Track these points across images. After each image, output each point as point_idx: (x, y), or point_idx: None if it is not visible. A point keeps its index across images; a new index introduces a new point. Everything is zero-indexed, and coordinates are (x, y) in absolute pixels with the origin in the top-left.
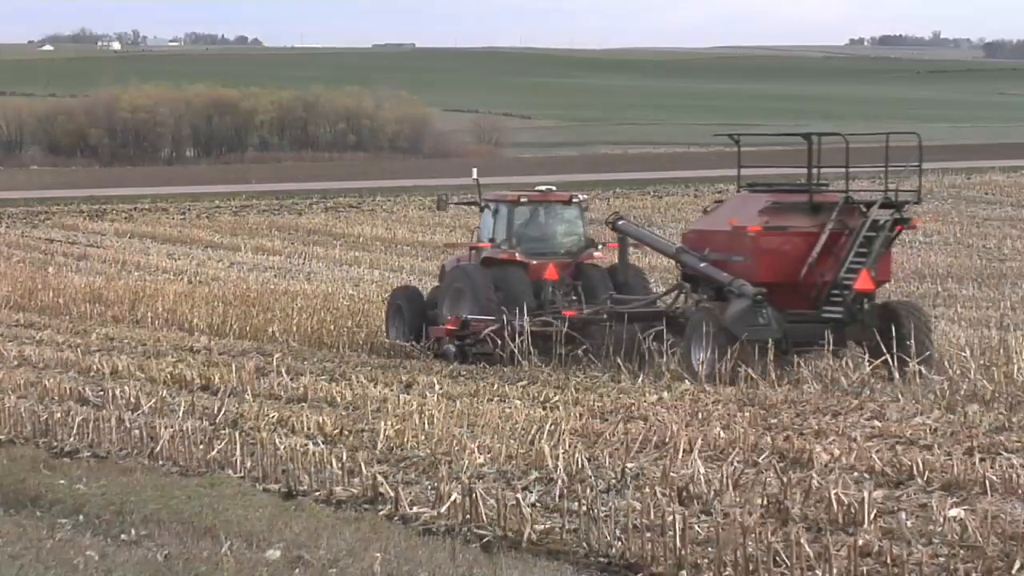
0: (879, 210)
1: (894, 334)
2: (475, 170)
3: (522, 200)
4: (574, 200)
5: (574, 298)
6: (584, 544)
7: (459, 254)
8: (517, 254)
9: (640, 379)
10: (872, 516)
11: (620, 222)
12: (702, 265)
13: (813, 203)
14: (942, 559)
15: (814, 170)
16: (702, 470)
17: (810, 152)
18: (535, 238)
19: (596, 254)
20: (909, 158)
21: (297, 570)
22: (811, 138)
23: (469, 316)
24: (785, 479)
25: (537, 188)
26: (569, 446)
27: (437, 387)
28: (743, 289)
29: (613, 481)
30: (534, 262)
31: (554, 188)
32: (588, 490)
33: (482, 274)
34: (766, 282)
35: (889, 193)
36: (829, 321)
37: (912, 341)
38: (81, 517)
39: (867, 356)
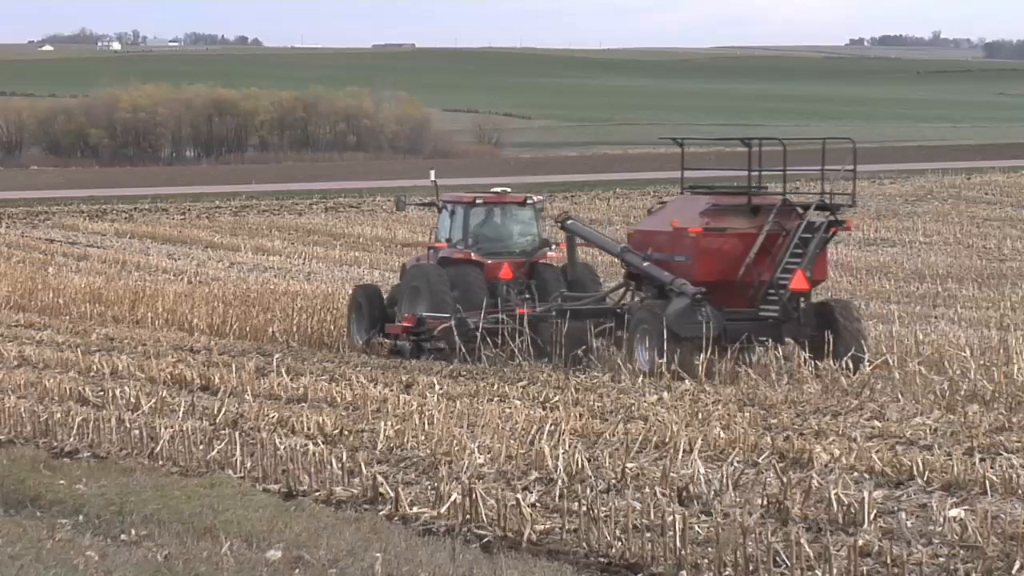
0: (815, 212)
1: (829, 331)
2: (432, 172)
3: (477, 201)
4: (528, 201)
5: (528, 296)
6: (584, 544)
7: (419, 253)
8: (473, 254)
9: (640, 379)
10: (872, 516)
11: (568, 222)
12: (645, 264)
13: (752, 205)
14: (942, 559)
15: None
16: (702, 470)
17: (750, 156)
18: (491, 238)
19: (550, 253)
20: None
21: (297, 570)
22: (750, 143)
23: (424, 314)
24: (785, 479)
25: (492, 190)
26: (569, 446)
27: (437, 387)
28: (683, 288)
29: (613, 481)
30: (489, 261)
31: (509, 190)
32: (588, 490)
33: (438, 273)
34: (706, 281)
35: (825, 196)
36: (767, 319)
37: (845, 338)
38: (81, 517)
39: (805, 354)
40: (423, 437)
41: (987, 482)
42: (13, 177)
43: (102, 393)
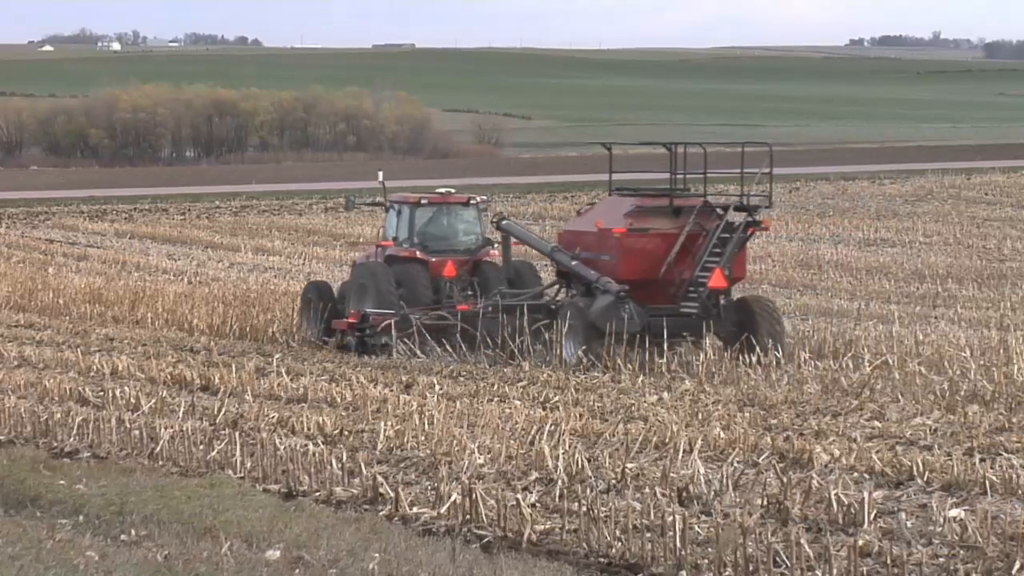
0: (734, 213)
1: (749, 327)
2: (380, 173)
3: (422, 202)
4: (472, 202)
5: (470, 293)
6: (584, 544)
7: (367, 251)
8: (418, 252)
9: (640, 379)
10: (872, 516)
11: (504, 222)
12: (573, 263)
13: (674, 207)
14: (942, 559)
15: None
16: (702, 470)
17: (672, 160)
18: (435, 237)
19: (492, 252)
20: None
21: (297, 570)
22: (672, 147)
23: (368, 310)
24: (785, 479)
25: (437, 191)
26: (569, 446)
27: (437, 387)
28: (608, 286)
29: (613, 481)
30: (434, 259)
31: (453, 191)
32: (588, 490)
33: (384, 271)
34: (629, 279)
35: (743, 197)
36: (688, 315)
37: (765, 333)
38: (81, 517)
39: (727, 348)
40: (423, 437)
41: (987, 482)
42: (13, 177)
43: (102, 393)
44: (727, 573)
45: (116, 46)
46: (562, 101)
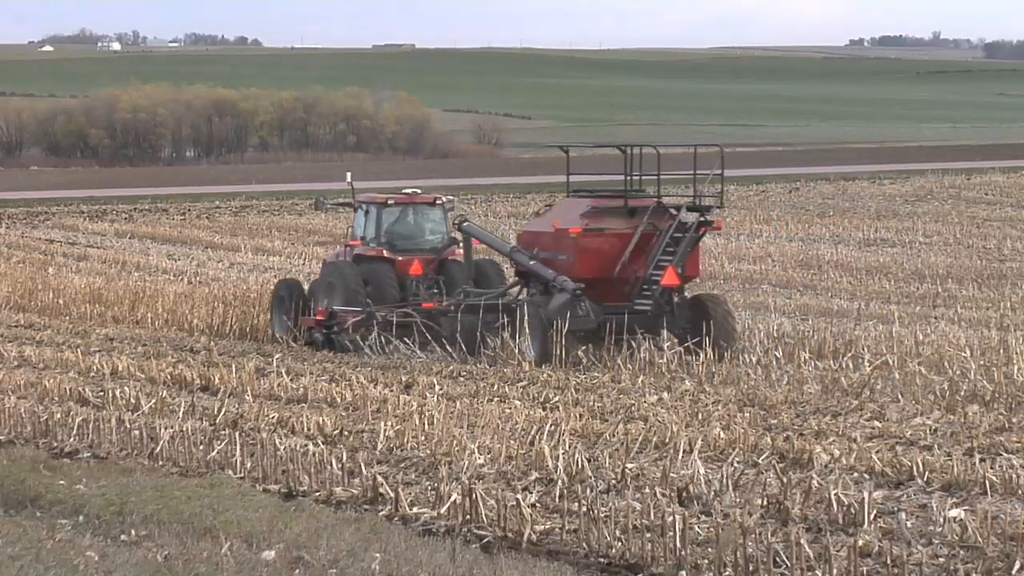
0: (687, 213)
1: (703, 324)
2: (348, 174)
3: (389, 202)
4: (438, 202)
5: (436, 291)
6: (584, 545)
7: (337, 250)
8: (385, 251)
9: (640, 379)
10: (872, 516)
11: (465, 224)
12: (531, 263)
13: (629, 207)
14: (942, 559)
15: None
16: (702, 470)
17: (626, 161)
18: (402, 236)
19: (458, 251)
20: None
21: (297, 571)
22: (626, 149)
23: (335, 307)
24: (785, 480)
25: (404, 191)
26: (569, 447)
27: (437, 387)
28: (564, 284)
29: (613, 481)
30: (400, 258)
31: (419, 191)
32: (588, 490)
33: (352, 269)
34: (585, 278)
35: (696, 198)
36: (642, 313)
37: (718, 330)
38: (81, 518)
39: (678, 344)
40: (423, 437)
41: (987, 482)
42: (13, 177)
43: (102, 393)
44: (727, 573)
45: (116, 46)
46: (562, 101)
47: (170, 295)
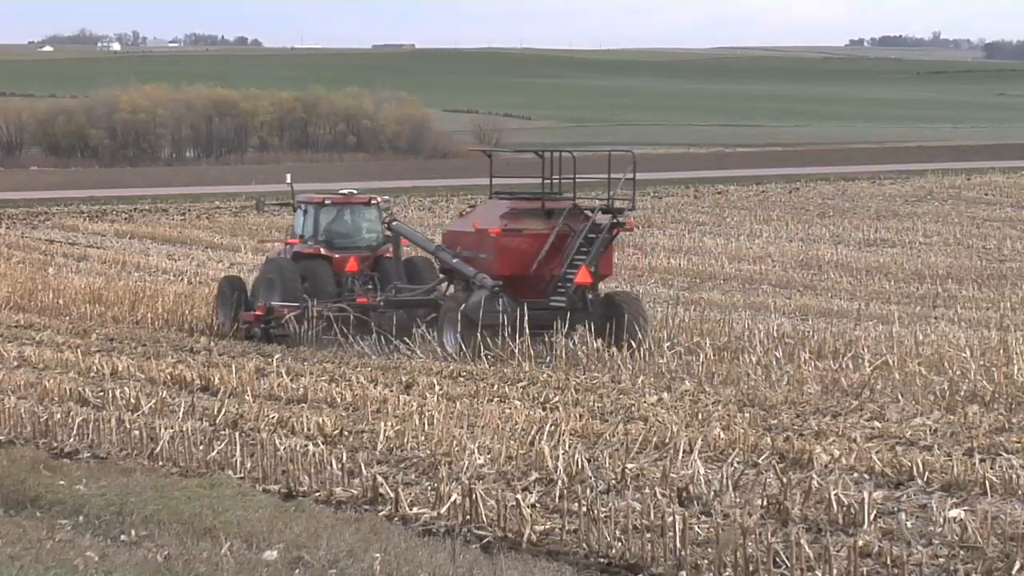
0: (600, 215)
1: (615, 320)
2: (288, 175)
3: (326, 202)
4: (373, 202)
5: (371, 287)
6: (584, 545)
7: (278, 248)
8: (322, 249)
9: (640, 379)
10: (872, 517)
11: (394, 223)
12: (454, 261)
13: (546, 209)
14: (942, 560)
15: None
16: (702, 471)
17: (543, 166)
18: (339, 235)
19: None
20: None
21: (297, 571)
22: (543, 154)
23: (273, 303)
24: (785, 480)
25: (340, 192)
26: (569, 447)
27: (437, 388)
28: (483, 282)
29: (613, 482)
30: (337, 256)
31: (355, 192)
32: (588, 491)
33: (291, 266)
34: (504, 275)
35: (609, 201)
36: (556, 308)
37: (629, 325)
38: (81, 518)
39: (594, 338)
40: (423, 438)
41: (987, 483)
42: (13, 177)
43: (102, 394)
44: (727, 573)
45: (116, 46)
46: (562, 101)
47: (170, 295)
